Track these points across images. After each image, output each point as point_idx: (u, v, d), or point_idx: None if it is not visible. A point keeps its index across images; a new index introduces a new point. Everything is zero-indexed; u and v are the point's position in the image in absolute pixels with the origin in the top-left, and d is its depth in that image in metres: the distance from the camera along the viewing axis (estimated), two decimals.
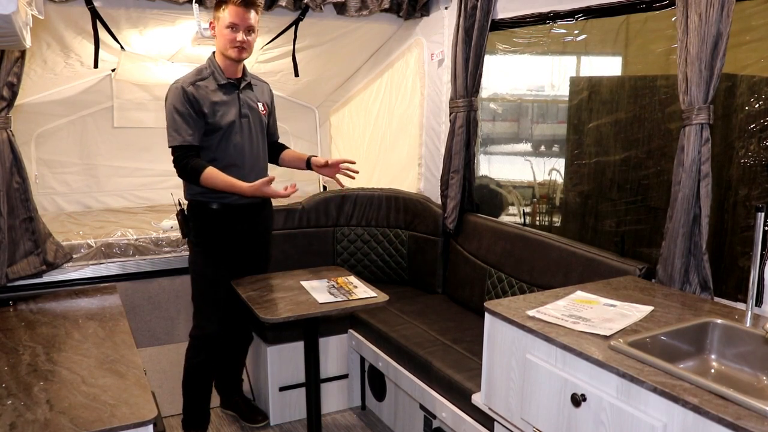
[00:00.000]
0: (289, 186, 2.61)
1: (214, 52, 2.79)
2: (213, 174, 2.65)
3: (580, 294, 2.10)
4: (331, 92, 4.56)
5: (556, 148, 3.46)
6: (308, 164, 2.98)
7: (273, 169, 3.04)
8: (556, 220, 3.36)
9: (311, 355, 2.69)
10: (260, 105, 2.89)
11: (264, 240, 3.03)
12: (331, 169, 2.90)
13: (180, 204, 2.85)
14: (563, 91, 3.23)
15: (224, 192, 2.72)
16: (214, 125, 2.70)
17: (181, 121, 2.66)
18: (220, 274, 2.82)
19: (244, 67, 2.84)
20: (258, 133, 2.86)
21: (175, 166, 2.71)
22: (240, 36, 2.66)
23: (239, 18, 2.64)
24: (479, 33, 3.09)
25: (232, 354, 3.18)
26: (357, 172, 2.91)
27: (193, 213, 2.82)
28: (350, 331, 3.28)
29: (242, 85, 2.81)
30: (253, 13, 2.67)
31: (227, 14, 2.64)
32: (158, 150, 4.10)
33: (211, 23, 2.75)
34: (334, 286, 2.68)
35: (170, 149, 2.70)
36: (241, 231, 2.83)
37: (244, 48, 2.70)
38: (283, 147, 3.11)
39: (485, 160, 3.63)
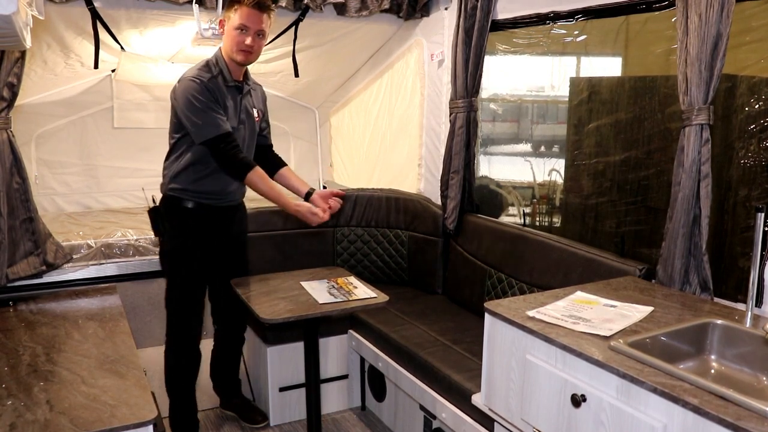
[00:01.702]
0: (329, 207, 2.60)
1: (220, 48, 2.70)
2: (264, 178, 2.58)
3: (579, 294, 2.10)
4: (331, 93, 4.56)
5: (556, 149, 3.46)
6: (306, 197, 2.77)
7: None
8: (556, 220, 3.36)
9: (311, 356, 2.69)
10: (255, 112, 2.83)
11: (239, 242, 2.97)
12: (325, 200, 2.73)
13: (153, 201, 2.80)
14: (563, 91, 3.23)
15: (207, 192, 2.70)
16: None
17: (210, 111, 2.55)
18: (193, 274, 2.79)
19: (246, 70, 2.78)
20: (249, 142, 2.80)
21: (219, 157, 2.59)
22: (249, 40, 2.57)
23: (250, 20, 2.56)
24: (479, 33, 3.09)
25: (225, 356, 3.16)
26: (342, 203, 2.76)
27: (167, 209, 2.76)
28: (350, 331, 3.28)
29: (244, 90, 2.75)
30: (265, 17, 2.59)
31: (238, 15, 2.55)
32: (158, 150, 4.07)
33: (221, 21, 2.66)
34: (334, 287, 2.68)
35: (206, 143, 2.57)
36: (214, 232, 2.78)
37: (251, 52, 2.61)
38: (281, 162, 2.96)
39: (485, 161, 3.63)
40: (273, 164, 2.93)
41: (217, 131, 2.57)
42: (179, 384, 2.92)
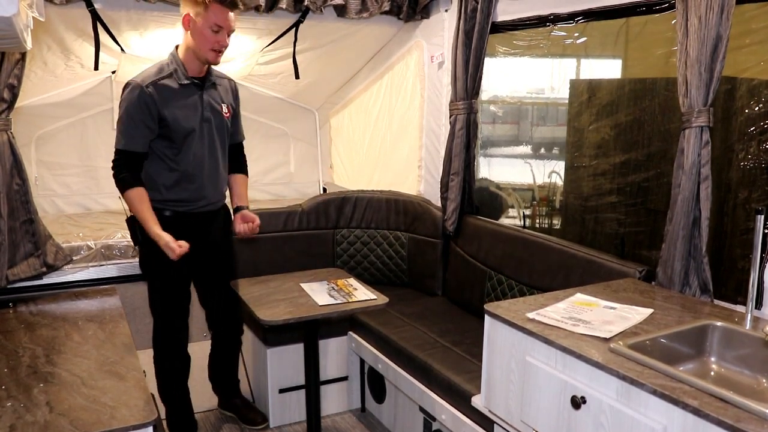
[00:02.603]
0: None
1: (177, 47, 2.64)
2: (138, 199, 2.57)
3: (579, 296, 2.10)
4: (331, 94, 4.56)
5: (555, 151, 3.46)
6: (235, 210, 2.86)
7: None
8: (556, 222, 3.37)
9: (311, 357, 2.69)
10: (224, 107, 2.75)
11: (222, 248, 2.93)
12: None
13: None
14: (563, 93, 3.24)
15: (183, 200, 2.69)
16: (173, 131, 2.59)
17: (131, 126, 2.54)
18: (174, 281, 2.76)
19: (208, 65, 2.70)
20: (218, 140, 2.74)
21: (112, 168, 2.62)
22: (227, 39, 2.54)
23: (225, 20, 2.51)
24: (479, 35, 3.09)
25: (223, 358, 3.15)
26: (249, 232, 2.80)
27: None
28: (350, 333, 3.28)
29: (206, 85, 2.68)
30: (234, 14, 2.56)
31: (211, 14, 2.49)
32: None
33: (185, 17, 2.55)
34: (333, 288, 2.68)
35: (115, 151, 2.61)
36: (194, 239, 2.70)
37: (223, 52, 2.58)
38: (241, 168, 2.94)
39: (485, 163, 3.63)
40: (234, 165, 2.91)
41: (122, 146, 2.57)
42: (171, 388, 2.91)
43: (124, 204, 2.73)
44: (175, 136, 2.61)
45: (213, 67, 2.73)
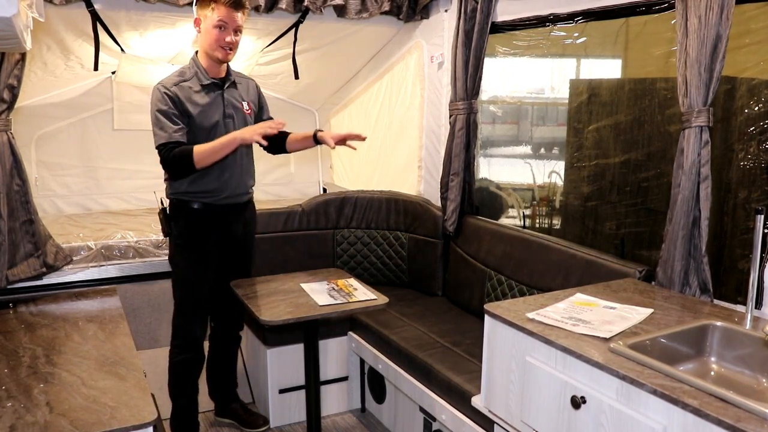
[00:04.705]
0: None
1: (196, 52, 2.74)
2: (201, 149, 2.59)
3: (579, 296, 2.10)
4: (331, 95, 4.56)
5: (555, 151, 3.46)
6: (315, 139, 2.95)
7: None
8: (556, 222, 3.37)
9: (311, 358, 2.69)
10: (245, 104, 2.84)
11: (246, 242, 2.98)
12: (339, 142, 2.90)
13: (162, 203, 2.82)
14: (563, 93, 3.24)
15: (207, 191, 2.72)
16: (199, 127, 2.66)
17: (164, 119, 2.60)
18: (202, 274, 2.80)
19: (227, 65, 2.79)
20: None
21: (163, 165, 2.65)
22: (229, 36, 2.63)
23: (229, 18, 2.61)
24: (479, 35, 3.09)
25: (221, 356, 3.14)
26: (363, 139, 2.92)
27: (175, 212, 2.78)
28: (350, 333, 3.28)
29: (226, 85, 2.77)
30: (240, 14, 2.65)
31: (216, 13, 2.60)
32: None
33: (196, 20, 2.68)
34: (333, 289, 2.68)
35: (157, 149, 2.63)
36: (222, 231, 2.80)
37: (231, 49, 2.67)
38: (286, 134, 3.02)
39: (485, 163, 3.63)
40: (282, 140, 2.99)
41: (163, 139, 2.60)
42: (181, 385, 2.91)
43: (157, 197, 2.80)
44: (198, 131, 2.67)
45: (233, 69, 2.84)
